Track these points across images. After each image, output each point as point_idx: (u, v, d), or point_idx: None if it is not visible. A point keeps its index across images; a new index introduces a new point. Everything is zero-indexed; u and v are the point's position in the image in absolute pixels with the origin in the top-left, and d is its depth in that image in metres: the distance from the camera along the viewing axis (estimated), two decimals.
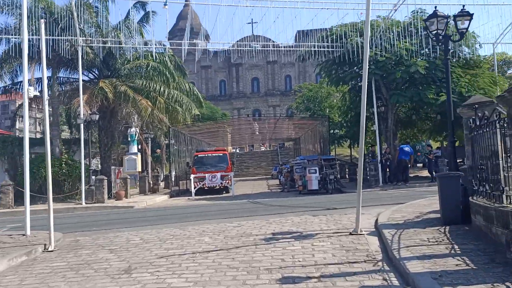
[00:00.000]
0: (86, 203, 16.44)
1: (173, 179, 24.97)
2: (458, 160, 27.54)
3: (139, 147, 29.45)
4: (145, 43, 17.12)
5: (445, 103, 18.93)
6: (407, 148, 20.24)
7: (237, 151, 59.23)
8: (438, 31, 7.78)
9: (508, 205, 5.14)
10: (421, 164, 35.08)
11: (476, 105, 6.27)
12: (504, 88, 21.58)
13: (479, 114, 6.07)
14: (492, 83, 19.06)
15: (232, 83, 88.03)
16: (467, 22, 7.74)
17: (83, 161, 15.92)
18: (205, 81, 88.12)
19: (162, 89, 18.92)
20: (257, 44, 17.17)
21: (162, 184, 27.68)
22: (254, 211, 12.00)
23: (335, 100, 38.18)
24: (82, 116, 15.75)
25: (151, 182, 25.03)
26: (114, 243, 7.80)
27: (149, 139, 24.63)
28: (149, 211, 14.43)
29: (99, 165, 21.12)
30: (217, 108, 56.98)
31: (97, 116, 16.87)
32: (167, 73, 18.08)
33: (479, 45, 20.21)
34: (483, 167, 6.11)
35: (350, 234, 7.28)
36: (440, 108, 19.50)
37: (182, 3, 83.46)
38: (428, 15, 19.61)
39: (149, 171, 27.29)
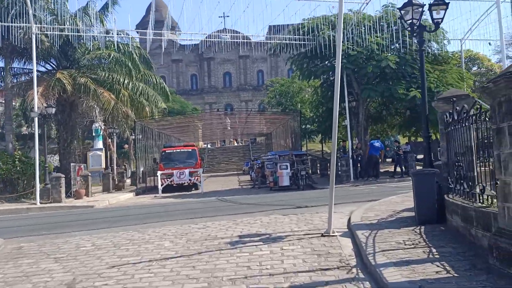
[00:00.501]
0: (41, 203, 15.32)
1: (140, 175, 23.96)
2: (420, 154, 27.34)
3: (114, 142, 28.19)
4: (107, 32, 16.06)
5: (415, 98, 19.14)
6: (377, 144, 20.19)
7: (209, 146, 58.33)
8: (413, 20, 7.40)
9: (489, 206, 4.78)
10: (390, 159, 35.52)
11: (454, 98, 5.92)
12: (470, 84, 21.92)
13: (457, 108, 5.70)
14: (459, 79, 19.21)
15: (204, 78, 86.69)
16: (442, 12, 7.41)
17: (37, 158, 14.78)
18: (176, 75, 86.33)
19: (126, 81, 17.89)
20: (226, 35, 16.42)
21: (128, 181, 26.59)
22: (222, 210, 11.40)
23: (306, 95, 37.99)
24: (36, 109, 14.58)
25: (116, 179, 23.94)
26: (61, 250, 7.01)
27: (114, 134, 23.50)
28: (109, 211, 13.54)
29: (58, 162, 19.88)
30: (187, 102, 55.82)
31: (54, 110, 15.71)
32: (130, 64, 17.07)
33: (448, 41, 20.36)
34: (460, 164, 5.75)
35: (322, 235, 6.81)
36: (410, 104, 19.53)
37: None
38: (402, 4, 19.71)
39: (114, 167, 26.11)
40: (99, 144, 32.73)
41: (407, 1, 7.42)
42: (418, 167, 22.12)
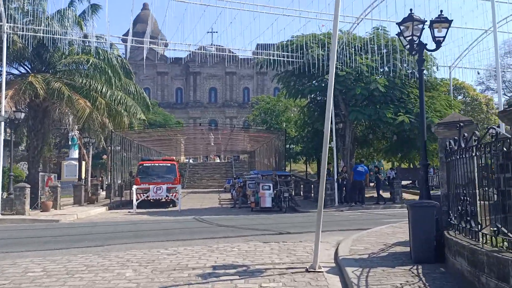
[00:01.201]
0: (2, 214, 14.06)
1: (115, 189, 22.77)
2: (408, 182, 27.16)
3: (89, 152, 26.92)
4: (85, 36, 15.16)
5: (403, 123, 18.76)
6: (360, 168, 19.56)
7: (191, 161, 57.18)
8: (413, 37, 6.85)
9: (505, 250, 4.09)
10: (372, 183, 35.13)
11: (461, 123, 5.30)
12: (457, 112, 21.73)
13: (465, 134, 5.06)
14: (448, 106, 18.98)
15: (189, 92, 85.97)
16: (444, 30, 6.91)
17: (0, 165, 13.57)
18: (161, 87, 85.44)
19: (104, 89, 16.95)
20: (212, 47, 15.78)
21: (104, 194, 25.30)
22: (198, 232, 10.48)
23: (292, 114, 37.60)
24: (3, 113, 13.45)
25: (90, 191, 22.67)
26: (4, 275, 6.00)
27: (90, 144, 22.38)
28: (74, 227, 12.42)
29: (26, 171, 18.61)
30: (171, 115, 54.77)
31: (22, 115, 14.64)
32: (110, 71, 16.18)
33: (437, 68, 20.20)
34: (466, 198, 5.08)
35: (307, 271, 6.01)
36: (398, 128, 19.14)
37: (140, 7, 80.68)
38: (387, 34, 19.49)
39: (89, 179, 24.83)
40: (75, 153, 31.40)
41: (407, 16, 6.90)
42: (405, 195, 21.74)
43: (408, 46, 7.01)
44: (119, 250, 7.82)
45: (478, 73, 25.42)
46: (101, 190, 25.27)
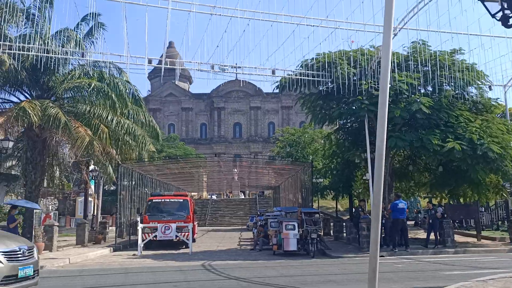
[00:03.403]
0: None
1: (123, 228, 20.64)
2: (457, 220, 23.37)
3: (95, 187, 25.19)
4: (82, 55, 13.57)
5: (453, 151, 15.94)
6: (402, 205, 16.50)
7: (214, 197, 55.03)
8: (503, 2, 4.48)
9: None
10: (413, 222, 31.53)
11: None
12: None
13: None
14: (506, 131, 15.99)
15: (214, 127, 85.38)
16: None
17: None
18: (186, 123, 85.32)
19: (109, 116, 15.18)
20: (226, 66, 13.84)
21: (114, 233, 23.20)
22: None
23: (320, 148, 35.11)
24: None
25: (97, 230, 20.59)
26: None
27: (98, 177, 20.62)
28: (52, 277, 10.06)
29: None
30: (191, 149, 53.25)
31: (11, 143, 12.99)
32: (113, 96, 14.45)
33: (489, 87, 17.41)
34: None
35: None
36: (445, 158, 16.19)
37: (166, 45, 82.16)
38: (429, 48, 17.06)
39: (98, 216, 22.85)
40: (91, 189, 29.75)
41: None
42: (456, 237, 18.46)
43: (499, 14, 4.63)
44: None
45: None
46: (112, 228, 23.27)
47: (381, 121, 5.53)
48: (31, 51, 12.32)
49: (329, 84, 16.21)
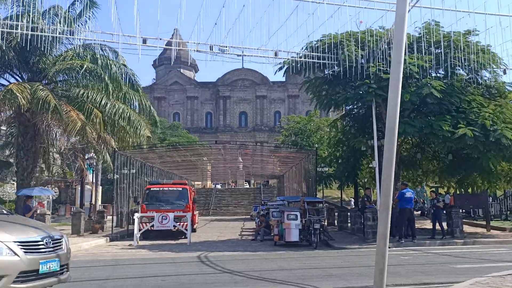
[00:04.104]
0: None
1: (122, 217, 20.15)
2: (467, 209, 22.47)
3: (93, 175, 24.69)
4: (71, 33, 12.79)
5: (464, 138, 15.02)
6: (409, 194, 15.71)
7: (218, 186, 54.62)
8: None
9: None
10: (419, 212, 30.76)
11: None
12: None
13: None
14: None
15: (219, 116, 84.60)
16: None
17: None
18: (191, 112, 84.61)
19: (103, 100, 14.49)
20: (226, 48, 13.04)
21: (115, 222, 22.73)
22: (191, 285, 7.34)
23: (325, 136, 34.24)
24: None
25: (94, 219, 20.12)
26: None
27: (95, 164, 20.02)
28: None
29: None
30: (194, 137, 52.62)
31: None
32: (106, 78, 13.73)
33: (504, 71, 16.40)
34: None
35: None
36: (456, 145, 15.31)
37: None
38: (442, 29, 16.09)
39: (97, 204, 22.36)
40: (90, 177, 29.32)
41: None
42: (465, 227, 17.72)
43: None
44: None
45: None
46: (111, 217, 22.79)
47: (393, 100, 4.78)
48: (17, 29, 11.61)
49: (335, 67, 15.38)
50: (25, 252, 5.12)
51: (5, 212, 6.50)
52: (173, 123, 56.33)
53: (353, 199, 34.04)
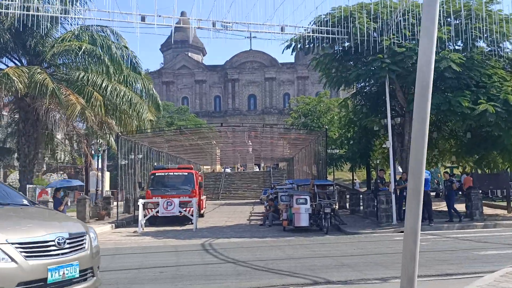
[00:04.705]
0: None
1: (128, 203, 19.77)
2: (486, 190, 21.47)
3: (99, 161, 24.33)
4: (65, 12, 12.00)
5: (485, 114, 14.09)
6: (425, 175, 14.88)
7: (228, 170, 54.21)
8: None
9: None
10: (433, 193, 29.91)
11: None
12: None
13: None
14: None
15: (228, 100, 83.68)
16: None
17: None
18: (199, 96, 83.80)
19: (104, 83, 13.84)
20: (229, 24, 12.21)
21: (120, 209, 22.45)
22: (186, 276, 6.77)
23: (335, 117, 33.30)
24: None
25: (100, 205, 19.76)
26: None
27: (100, 149, 19.55)
28: None
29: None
30: (202, 121, 51.96)
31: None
32: (106, 60, 13.05)
33: None
34: None
35: None
36: (476, 122, 14.36)
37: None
38: None
39: (104, 190, 22.02)
40: (98, 163, 29.04)
41: None
42: (485, 209, 16.89)
43: None
44: None
45: None
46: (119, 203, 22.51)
47: (425, 64, 3.96)
48: (10, 8, 10.93)
49: (346, 42, 14.43)
50: (26, 256, 3.98)
51: (25, 202, 5.21)
52: (180, 106, 55.69)
53: (357, 181, 33.25)
